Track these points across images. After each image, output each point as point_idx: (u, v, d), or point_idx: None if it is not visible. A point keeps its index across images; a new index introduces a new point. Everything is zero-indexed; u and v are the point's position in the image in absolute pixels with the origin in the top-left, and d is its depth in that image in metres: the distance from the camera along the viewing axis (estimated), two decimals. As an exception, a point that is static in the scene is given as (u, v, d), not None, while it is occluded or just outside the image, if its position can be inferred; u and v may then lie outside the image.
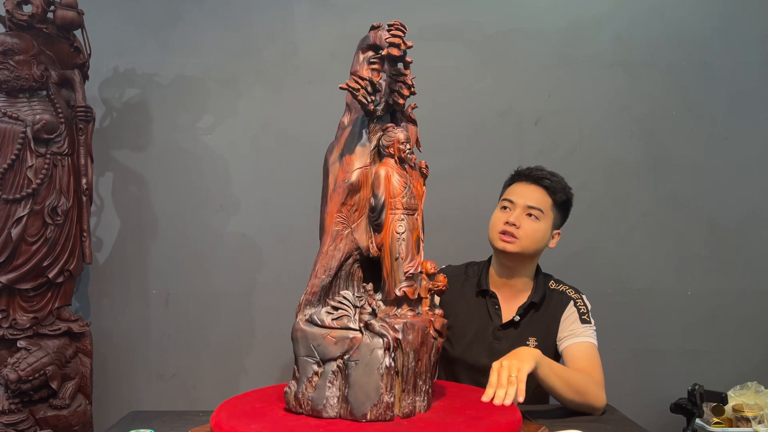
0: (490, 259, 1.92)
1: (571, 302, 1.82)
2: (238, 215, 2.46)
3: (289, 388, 1.31)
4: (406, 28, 1.35)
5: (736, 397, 2.01)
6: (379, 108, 1.37)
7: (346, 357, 1.25)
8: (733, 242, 2.48)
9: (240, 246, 2.45)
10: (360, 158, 1.34)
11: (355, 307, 1.29)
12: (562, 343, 1.78)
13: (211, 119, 2.47)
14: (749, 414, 1.94)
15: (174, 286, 2.44)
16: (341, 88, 1.32)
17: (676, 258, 2.47)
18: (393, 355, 1.25)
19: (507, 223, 1.76)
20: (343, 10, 2.45)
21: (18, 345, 1.99)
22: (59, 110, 2.07)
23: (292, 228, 2.44)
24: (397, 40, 1.30)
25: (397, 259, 1.33)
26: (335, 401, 1.25)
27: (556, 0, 2.48)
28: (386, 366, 1.24)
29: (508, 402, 1.32)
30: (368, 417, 1.24)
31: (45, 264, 2.04)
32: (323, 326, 1.26)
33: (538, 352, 1.53)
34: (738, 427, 1.95)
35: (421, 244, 1.39)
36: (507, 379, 1.36)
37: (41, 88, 2.06)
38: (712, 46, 2.48)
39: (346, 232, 1.32)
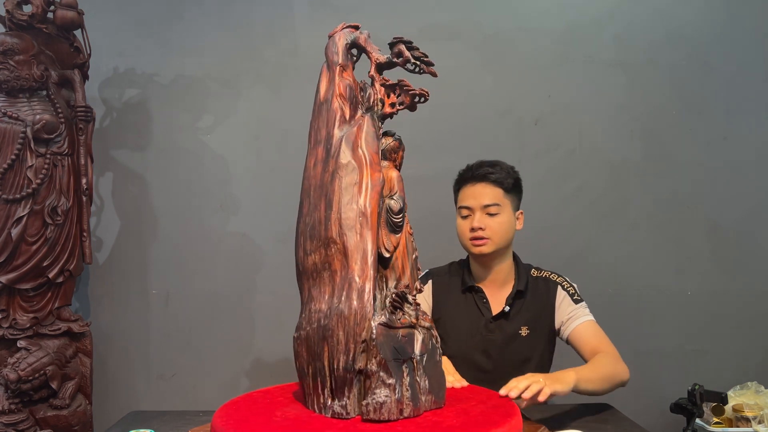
0: (468, 257, 1.94)
1: (558, 287, 1.85)
2: (238, 215, 2.46)
3: (386, 397, 1.21)
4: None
5: (736, 397, 2.01)
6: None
7: (414, 353, 1.28)
8: (733, 242, 2.48)
9: (240, 246, 2.45)
10: (379, 158, 1.34)
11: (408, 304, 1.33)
12: (566, 328, 1.81)
13: (211, 119, 2.47)
14: (749, 414, 1.94)
15: (174, 286, 2.44)
16: (422, 93, 1.34)
17: (676, 258, 2.47)
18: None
19: (472, 229, 1.78)
20: (343, 10, 2.45)
21: (18, 345, 1.99)
22: (59, 110, 2.08)
23: (292, 228, 2.42)
24: (431, 63, 1.34)
25: (416, 257, 1.37)
26: (421, 396, 1.27)
27: (556, 0, 2.48)
28: (441, 354, 1.35)
29: (514, 394, 1.41)
30: (445, 401, 1.33)
31: (45, 264, 2.04)
32: (394, 326, 1.26)
33: (575, 376, 1.55)
34: (738, 427, 1.95)
35: None
36: (532, 383, 1.43)
37: (41, 88, 2.06)
38: (712, 46, 2.48)
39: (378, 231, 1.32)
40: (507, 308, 1.82)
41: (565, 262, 2.35)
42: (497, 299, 1.85)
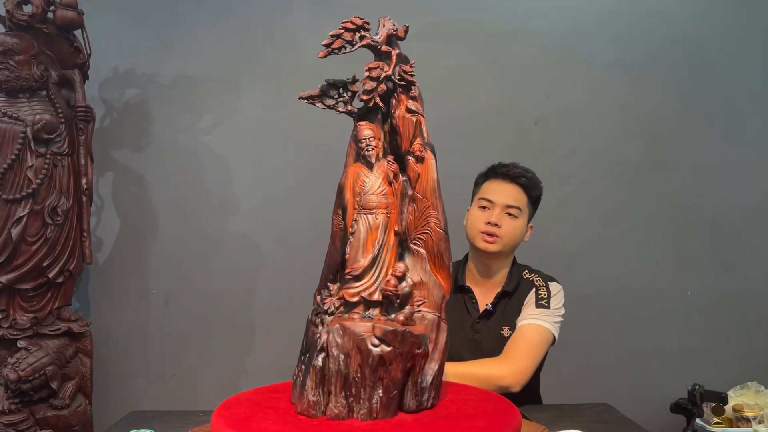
0: (466, 255, 1.93)
1: (533, 289, 1.83)
2: (238, 215, 2.46)
3: None
4: None
5: (736, 397, 2.01)
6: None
7: None
8: (733, 242, 2.48)
9: (240, 246, 2.45)
10: (350, 158, 1.34)
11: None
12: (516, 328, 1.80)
13: (211, 119, 2.47)
14: (749, 414, 1.94)
15: (174, 286, 2.44)
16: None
17: (676, 258, 2.47)
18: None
19: (488, 223, 1.77)
20: (343, 10, 2.43)
21: (18, 345, 1.99)
22: (59, 110, 2.07)
23: (292, 228, 2.44)
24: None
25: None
26: None
27: (556, 0, 2.48)
28: None
29: None
30: None
31: (45, 264, 2.03)
32: None
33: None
34: (738, 427, 1.95)
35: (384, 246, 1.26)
36: None
37: (41, 88, 2.06)
38: (712, 46, 2.48)
39: (342, 233, 1.30)
40: (490, 307, 1.82)
41: (565, 262, 2.35)
42: (487, 299, 1.85)
